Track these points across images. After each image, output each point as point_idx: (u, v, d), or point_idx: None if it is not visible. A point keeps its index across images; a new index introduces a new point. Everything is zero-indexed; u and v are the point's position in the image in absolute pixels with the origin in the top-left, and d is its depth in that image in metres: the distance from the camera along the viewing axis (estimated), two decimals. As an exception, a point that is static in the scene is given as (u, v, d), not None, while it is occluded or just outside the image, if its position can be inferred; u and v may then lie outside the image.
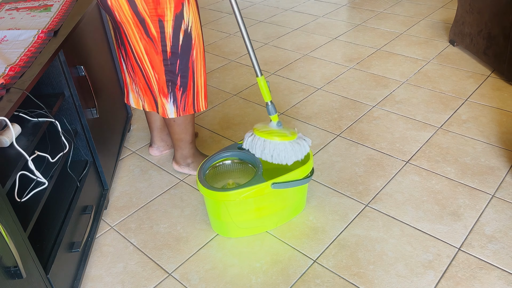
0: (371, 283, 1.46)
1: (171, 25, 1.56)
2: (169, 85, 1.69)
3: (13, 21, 1.70)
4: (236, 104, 2.50)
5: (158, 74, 1.66)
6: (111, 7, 1.52)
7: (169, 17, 1.54)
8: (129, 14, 1.52)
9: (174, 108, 1.74)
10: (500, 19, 2.44)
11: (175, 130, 1.85)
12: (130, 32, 1.58)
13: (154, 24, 1.54)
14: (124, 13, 1.52)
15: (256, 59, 1.60)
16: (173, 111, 1.75)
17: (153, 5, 1.50)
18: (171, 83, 1.68)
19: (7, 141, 1.24)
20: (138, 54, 1.64)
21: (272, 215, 1.65)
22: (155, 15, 1.52)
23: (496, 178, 1.85)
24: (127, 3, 1.49)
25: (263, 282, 1.48)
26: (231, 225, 1.62)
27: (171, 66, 1.64)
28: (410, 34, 3.21)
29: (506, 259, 1.51)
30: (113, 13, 1.55)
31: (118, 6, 1.51)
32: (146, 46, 1.60)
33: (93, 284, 1.52)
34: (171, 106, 1.74)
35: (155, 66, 1.64)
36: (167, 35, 1.57)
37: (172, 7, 1.52)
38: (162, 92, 1.71)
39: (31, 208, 1.26)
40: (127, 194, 1.91)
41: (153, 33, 1.57)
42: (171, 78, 1.67)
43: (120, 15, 1.53)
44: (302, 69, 2.82)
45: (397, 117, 2.28)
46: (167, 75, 1.66)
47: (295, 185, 1.58)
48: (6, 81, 1.25)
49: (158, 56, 1.62)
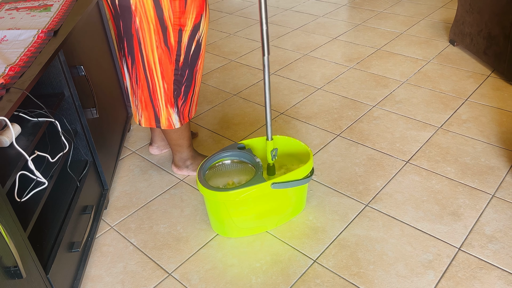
0: (371, 283, 1.46)
1: (188, 35, 1.56)
2: (175, 94, 1.68)
3: (13, 21, 1.70)
4: (236, 104, 2.49)
5: (167, 83, 1.65)
6: (133, 12, 1.49)
7: (188, 27, 1.54)
8: (153, 21, 1.50)
9: (178, 117, 1.75)
10: (500, 19, 2.44)
11: (172, 137, 1.85)
12: (147, 40, 1.55)
13: (175, 33, 1.54)
14: (148, 19, 1.50)
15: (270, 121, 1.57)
16: (177, 121, 1.75)
17: (179, 14, 1.50)
18: (177, 93, 1.68)
19: (7, 141, 1.24)
20: (149, 63, 1.61)
21: (272, 215, 1.65)
22: (178, 24, 1.52)
23: (496, 178, 1.85)
24: (153, 8, 1.47)
25: (263, 282, 1.48)
26: (231, 225, 1.62)
27: (180, 76, 1.64)
28: (410, 34, 3.21)
29: (506, 259, 1.50)
30: (132, 18, 1.51)
31: (142, 11, 1.48)
32: (161, 55, 1.58)
33: (93, 284, 1.52)
34: (176, 116, 1.74)
35: (166, 75, 1.63)
36: (182, 44, 1.57)
37: (193, 18, 1.53)
38: (169, 102, 1.70)
39: (31, 208, 1.26)
40: (127, 194, 1.91)
41: (171, 42, 1.56)
42: (177, 88, 1.67)
43: (141, 20, 1.51)
44: (302, 69, 2.82)
45: (397, 117, 2.28)
46: (175, 84, 1.66)
47: (295, 185, 1.57)
48: (6, 81, 1.25)
49: (171, 65, 1.61)
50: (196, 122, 2.36)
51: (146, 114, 1.76)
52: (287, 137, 1.75)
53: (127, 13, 1.51)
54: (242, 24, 3.60)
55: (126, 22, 1.54)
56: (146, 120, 1.77)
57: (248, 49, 3.16)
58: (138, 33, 1.55)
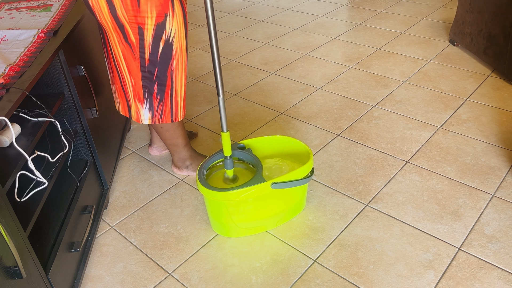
0: (371, 283, 1.46)
1: (151, 34, 1.53)
2: (146, 91, 1.66)
3: (13, 21, 1.70)
4: (236, 104, 2.49)
5: (135, 79, 1.64)
6: (92, 8, 1.50)
7: (149, 26, 1.51)
8: (109, 18, 1.50)
9: (149, 114, 1.72)
10: (500, 19, 2.44)
11: (166, 136, 1.85)
12: (110, 35, 1.56)
13: (133, 30, 1.52)
14: (104, 16, 1.50)
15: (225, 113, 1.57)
16: (147, 117, 1.73)
17: (133, 13, 1.47)
18: (148, 90, 1.66)
19: (7, 141, 1.24)
20: (116, 57, 1.62)
21: (272, 215, 1.65)
22: (135, 22, 1.50)
23: (496, 177, 1.85)
24: (107, 7, 1.47)
25: (263, 282, 1.48)
26: (230, 225, 1.62)
27: (148, 73, 1.62)
28: (410, 33, 3.21)
29: (506, 259, 1.50)
30: (94, 14, 1.53)
31: (98, 8, 1.48)
32: (124, 50, 1.58)
33: (93, 284, 1.52)
34: (146, 112, 1.72)
35: (132, 71, 1.62)
36: (146, 42, 1.55)
37: (154, 16, 1.50)
38: (138, 97, 1.69)
39: (31, 208, 1.26)
40: (127, 194, 1.91)
41: (132, 39, 1.54)
42: (147, 85, 1.65)
43: (100, 17, 1.51)
44: (302, 69, 2.82)
45: (397, 116, 2.28)
46: (143, 81, 1.64)
47: (295, 185, 1.57)
48: (6, 81, 1.25)
49: (135, 61, 1.59)
50: (196, 122, 2.36)
51: (121, 102, 1.77)
52: (287, 137, 1.75)
53: (90, 10, 1.53)
54: (242, 24, 3.60)
55: (94, 16, 1.57)
56: (122, 108, 1.78)
57: (248, 49, 3.15)
58: (103, 28, 1.57)
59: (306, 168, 1.60)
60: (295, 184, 1.58)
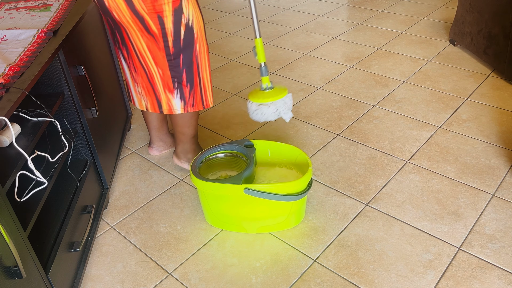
0: (371, 283, 1.46)
1: (171, 20, 1.55)
2: (175, 81, 1.68)
3: (12, 21, 1.70)
4: (236, 104, 2.49)
5: (162, 69, 1.66)
6: (108, 8, 1.52)
7: (168, 13, 1.53)
8: (128, 14, 1.52)
9: (181, 103, 1.74)
10: (500, 19, 2.44)
11: (178, 123, 1.84)
12: (131, 31, 1.58)
13: (154, 20, 1.54)
14: (123, 13, 1.52)
15: (257, 19, 1.61)
16: (180, 106, 1.74)
17: (150, 2, 1.49)
18: (177, 79, 1.68)
19: (7, 141, 1.24)
20: (140, 52, 1.63)
21: (250, 220, 1.62)
22: (154, 11, 1.52)
23: (496, 177, 1.85)
24: (124, 3, 1.48)
25: (263, 282, 1.48)
26: (208, 212, 1.67)
27: (174, 61, 1.64)
28: (410, 33, 3.21)
29: (506, 259, 1.50)
30: (111, 14, 1.54)
31: (115, 6, 1.50)
32: (148, 42, 1.60)
33: (93, 283, 1.52)
34: (177, 101, 1.73)
35: (159, 62, 1.64)
36: (168, 30, 1.57)
37: (170, 2, 1.51)
38: (168, 88, 1.70)
39: (31, 208, 1.26)
40: (127, 194, 1.91)
41: (154, 30, 1.56)
42: (176, 74, 1.67)
43: (118, 15, 1.53)
44: (302, 69, 2.82)
45: (397, 116, 2.28)
46: (171, 70, 1.66)
47: (271, 198, 1.50)
48: (6, 81, 1.25)
49: (160, 51, 1.61)
50: (196, 122, 2.36)
51: (150, 99, 1.77)
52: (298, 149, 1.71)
53: (105, 10, 1.54)
54: (242, 24, 3.60)
55: (109, 16, 1.57)
56: (151, 105, 1.79)
57: (248, 48, 3.15)
58: (123, 25, 1.58)
59: (291, 185, 1.51)
60: (271, 197, 1.51)
